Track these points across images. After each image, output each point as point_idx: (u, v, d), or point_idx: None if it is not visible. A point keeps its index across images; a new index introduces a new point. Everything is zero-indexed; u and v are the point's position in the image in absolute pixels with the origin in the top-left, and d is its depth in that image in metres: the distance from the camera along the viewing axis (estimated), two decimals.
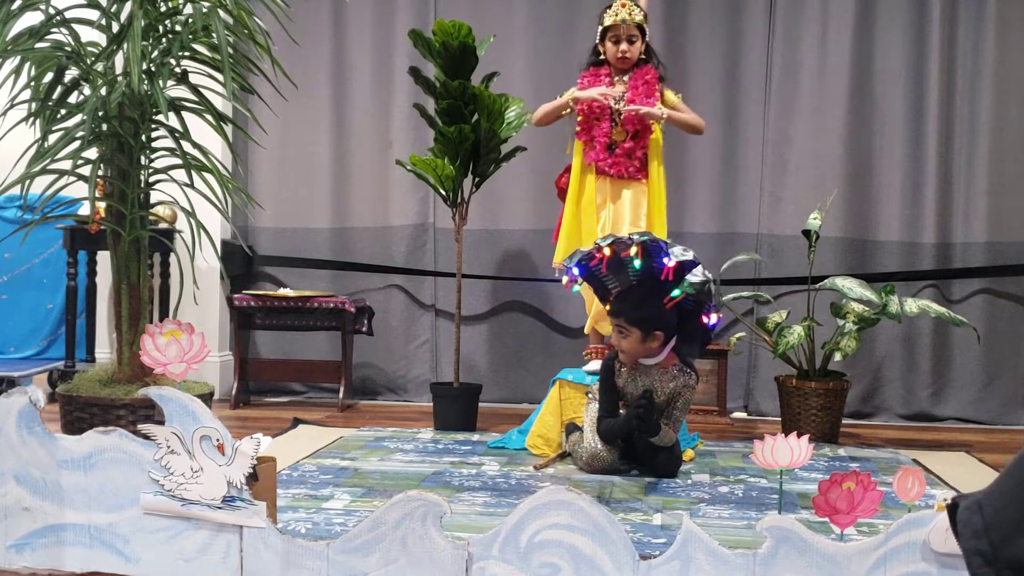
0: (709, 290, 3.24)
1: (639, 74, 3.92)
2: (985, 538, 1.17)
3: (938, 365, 4.83)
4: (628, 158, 3.85)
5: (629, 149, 3.85)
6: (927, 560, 1.89)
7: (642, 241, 3.26)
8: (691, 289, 3.22)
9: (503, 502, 2.87)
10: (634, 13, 3.90)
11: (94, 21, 2.69)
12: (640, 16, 3.92)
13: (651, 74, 3.92)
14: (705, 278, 3.23)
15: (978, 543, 1.17)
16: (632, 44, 3.91)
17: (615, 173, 3.87)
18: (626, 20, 3.88)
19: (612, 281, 3.53)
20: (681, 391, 3.32)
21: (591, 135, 3.90)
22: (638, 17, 3.91)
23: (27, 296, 5.13)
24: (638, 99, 3.87)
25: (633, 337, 3.30)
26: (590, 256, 3.39)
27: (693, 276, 3.23)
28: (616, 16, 3.90)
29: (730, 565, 1.94)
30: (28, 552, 2.17)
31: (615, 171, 3.87)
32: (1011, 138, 4.77)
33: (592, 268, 3.47)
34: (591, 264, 3.44)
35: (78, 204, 3.10)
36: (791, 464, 2.00)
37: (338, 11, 5.12)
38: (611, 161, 3.87)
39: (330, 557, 2.02)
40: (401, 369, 5.14)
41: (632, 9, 3.90)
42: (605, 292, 3.58)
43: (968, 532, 1.19)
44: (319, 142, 5.15)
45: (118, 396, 2.63)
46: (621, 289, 3.47)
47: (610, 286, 3.55)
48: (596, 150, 3.88)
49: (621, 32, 3.90)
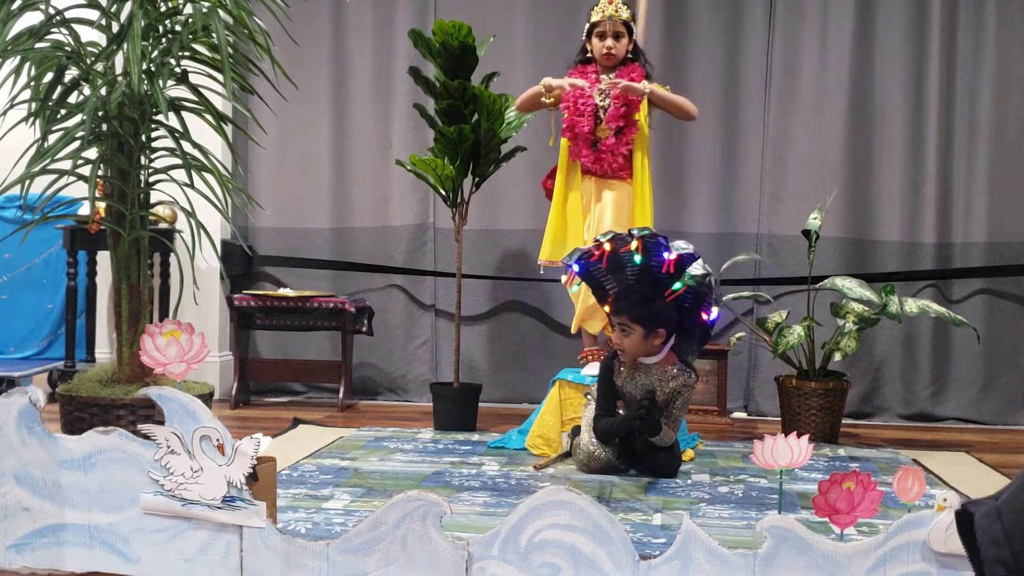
0: (710, 283, 3.24)
1: (625, 71, 3.93)
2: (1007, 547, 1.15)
3: (938, 365, 4.83)
4: (612, 155, 3.85)
5: (612, 146, 3.84)
6: (927, 560, 1.89)
7: (642, 236, 3.25)
8: (692, 281, 3.22)
9: (503, 502, 2.87)
10: (620, 10, 3.92)
11: (94, 21, 2.69)
12: (627, 14, 3.94)
13: (637, 72, 3.93)
14: (706, 271, 3.23)
15: (999, 551, 1.16)
16: (618, 40, 3.92)
17: (598, 171, 3.87)
18: (612, 17, 3.90)
19: (610, 281, 3.53)
20: (680, 390, 3.32)
21: (575, 132, 3.90)
22: (624, 15, 3.93)
23: (27, 296, 5.13)
24: (623, 97, 3.86)
25: (636, 335, 3.29)
26: (589, 253, 3.38)
27: (694, 269, 3.23)
28: (603, 12, 3.92)
29: (730, 565, 1.94)
30: (28, 552, 2.17)
31: (598, 169, 3.87)
32: (1011, 138, 4.77)
33: (591, 265, 3.46)
34: (591, 261, 3.43)
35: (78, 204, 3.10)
36: (791, 464, 2.00)
37: (338, 11, 5.12)
38: (594, 157, 3.86)
39: (330, 557, 2.02)
40: (401, 369, 5.13)
41: (619, 6, 3.93)
42: (603, 292, 3.57)
43: (988, 540, 1.18)
44: (319, 142, 5.15)
45: (118, 396, 2.63)
46: (623, 287, 3.46)
47: (607, 286, 3.55)
48: (579, 147, 3.88)
49: (607, 28, 3.91)
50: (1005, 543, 1.15)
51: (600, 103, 3.88)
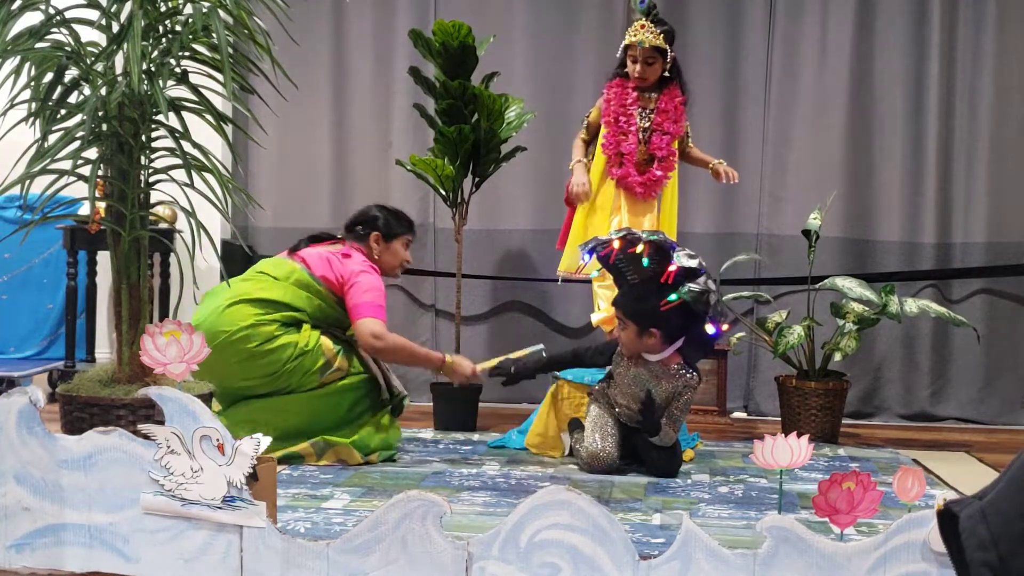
0: (708, 300, 3.23)
1: (668, 96, 3.91)
2: (993, 549, 1.14)
3: (938, 365, 4.82)
4: (657, 184, 3.90)
5: (659, 178, 3.88)
6: (927, 560, 1.89)
7: (651, 240, 3.26)
8: (688, 296, 3.22)
9: (503, 502, 2.87)
10: (652, 37, 3.83)
11: (94, 21, 2.69)
12: (659, 40, 3.84)
13: (680, 98, 3.92)
14: (706, 288, 3.22)
15: (986, 555, 1.15)
16: (649, 66, 3.87)
17: (642, 195, 3.88)
18: (643, 43, 3.84)
19: (629, 270, 3.52)
20: (682, 391, 3.32)
21: (619, 150, 3.88)
22: (656, 41, 3.84)
23: (27, 296, 5.13)
24: (667, 123, 3.88)
25: (629, 331, 3.33)
26: (605, 244, 3.38)
27: (694, 284, 3.22)
28: (634, 37, 3.86)
29: (730, 565, 1.94)
30: (28, 552, 2.17)
31: (642, 193, 3.87)
32: (1011, 138, 4.77)
33: (604, 257, 3.46)
34: (603, 254, 3.43)
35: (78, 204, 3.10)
36: (791, 464, 2.00)
37: (338, 11, 5.12)
38: (641, 181, 3.86)
39: (330, 557, 2.02)
40: (401, 369, 5.12)
41: (650, 31, 3.83)
42: (624, 280, 3.57)
43: (974, 543, 1.16)
44: (319, 142, 5.14)
45: (118, 396, 2.62)
46: (634, 282, 3.47)
47: (628, 275, 3.53)
48: (625, 167, 3.86)
49: (638, 54, 3.87)
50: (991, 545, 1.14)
51: (640, 124, 3.88)
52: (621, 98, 3.90)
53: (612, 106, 3.90)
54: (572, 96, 4.91)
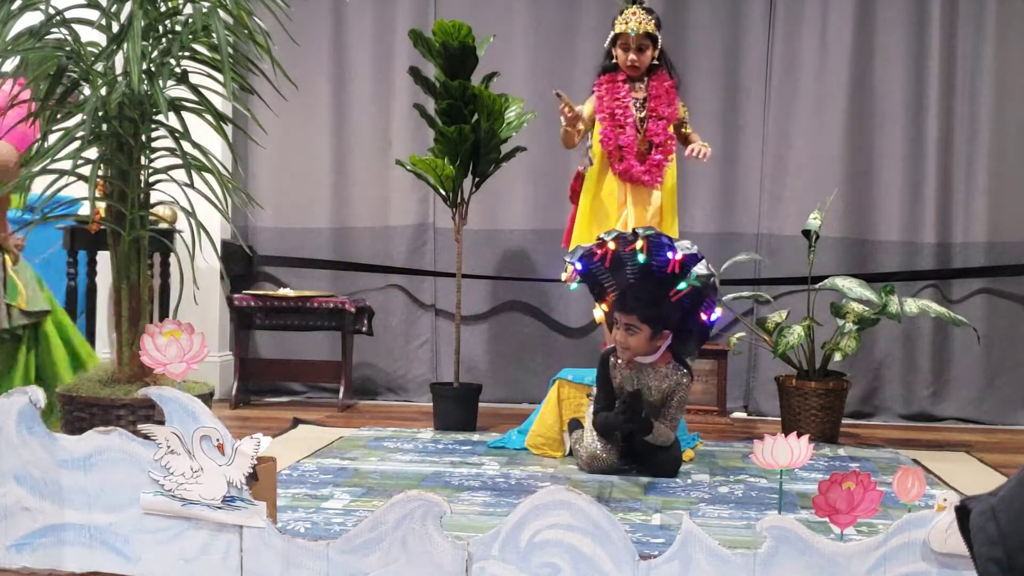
0: (714, 284, 3.24)
1: (658, 81, 3.89)
2: (1001, 546, 1.14)
3: (938, 365, 4.83)
4: (659, 168, 3.85)
5: (659, 162, 3.84)
6: (927, 560, 1.89)
7: (646, 236, 3.26)
8: (697, 281, 3.22)
9: (503, 502, 2.87)
10: (643, 23, 3.83)
11: (94, 21, 2.69)
12: (650, 26, 3.85)
13: (669, 81, 3.90)
14: (710, 271, 3.23)
15: (993, 550, 1.15)
16: (642, 53, 3.86)
17: (648, 182, 3.84)
18: (635, 30, 3.83)
19: (609, 280, 3.53)
20: (675, 389, 3.33)
21: (618, 144, 3.86)
22: (648, 27, 3.84)
23: None
24: (660, 108, 3.85)
25: (642, 335, 3.30)
26: (592, 252, 3.37)
27: (699, 269, 3.23)
28: (626, 25, 3.84)
29: (730, 565, 1.94)
30: (28, 552, 2.17)
31: (648, 181, 3.84)
32: (1011, 138, 4.77)
33: (594, 264, 3.46)
34: (594, 260, 3.42)
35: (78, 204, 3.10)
36: (791, 464, 2.00)
37: (338, 11, 5.12)
38: (644, 169, 3.84)
39: (330, 557, 2.02)
40: (401, 369, 5.14)
41: (642, 19, 3.84)
42: (602, 291, 3.57)
43: (982, 539, 1.17)
44: (319, 142, 5.15)
45: (118, 396, 2.63)
46: (634, 286, 3.45)
47: (606, 284, 3.55)
48: (626, 160, 3.84)
49: (630, 41, 3.86)
50: (999, 542, 1.15)
51: (637, 114, 3.87)
52: (613, 92, 3.89)
53: (606, 101, 3.88)
54: (572, 96, 4.85)
